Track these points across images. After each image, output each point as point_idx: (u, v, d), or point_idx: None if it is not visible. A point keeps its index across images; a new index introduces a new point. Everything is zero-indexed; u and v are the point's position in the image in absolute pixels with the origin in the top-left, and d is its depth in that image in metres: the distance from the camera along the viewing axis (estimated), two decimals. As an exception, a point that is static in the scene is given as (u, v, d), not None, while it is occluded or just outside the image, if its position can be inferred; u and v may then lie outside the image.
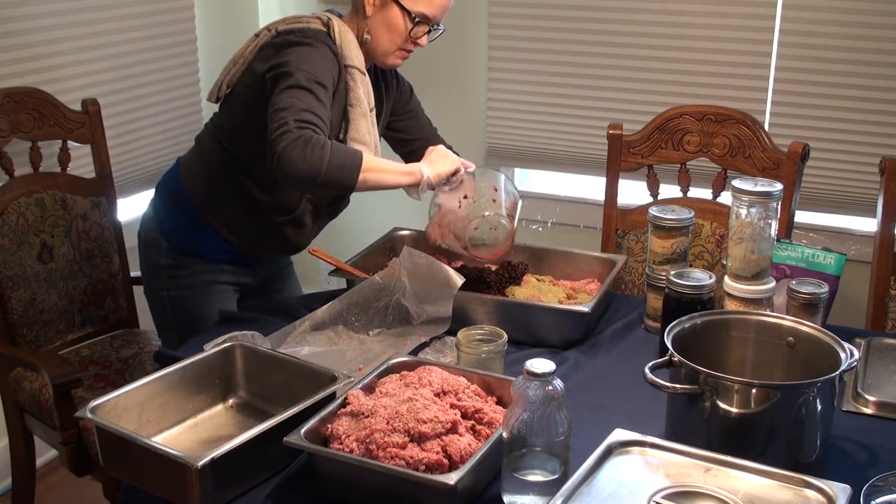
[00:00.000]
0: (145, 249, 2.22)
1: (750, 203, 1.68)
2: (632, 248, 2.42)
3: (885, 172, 2.19)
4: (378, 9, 2.03)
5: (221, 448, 1.35)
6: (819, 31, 2.76)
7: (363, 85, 2.04)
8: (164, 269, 2.19)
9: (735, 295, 1.74)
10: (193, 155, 2.18)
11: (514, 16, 3.15)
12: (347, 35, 2.04)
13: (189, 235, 2.15)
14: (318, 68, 1.93)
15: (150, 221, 2.21)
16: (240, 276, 2.22)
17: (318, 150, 1.78)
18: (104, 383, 2.35)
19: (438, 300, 1.91)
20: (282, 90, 1.87)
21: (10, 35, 2.56)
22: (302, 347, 1.83)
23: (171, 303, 2.20)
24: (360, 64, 2.04)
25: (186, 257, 2.16)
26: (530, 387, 1.30)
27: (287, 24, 2.04)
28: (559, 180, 3.38)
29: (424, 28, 2.05)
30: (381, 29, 2.04)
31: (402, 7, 2.01)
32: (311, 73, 1.90)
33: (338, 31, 2.02)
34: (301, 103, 1.84)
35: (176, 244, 2.16)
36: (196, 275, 2.17)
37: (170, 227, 2.17)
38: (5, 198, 2.35)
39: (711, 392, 1.38)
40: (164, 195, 2.20)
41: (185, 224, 2.15)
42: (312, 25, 2.02)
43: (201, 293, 2.17)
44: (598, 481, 1.30)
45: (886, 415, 1.62)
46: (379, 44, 2.06)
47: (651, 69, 3.00)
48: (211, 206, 2.12)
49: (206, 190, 2.12)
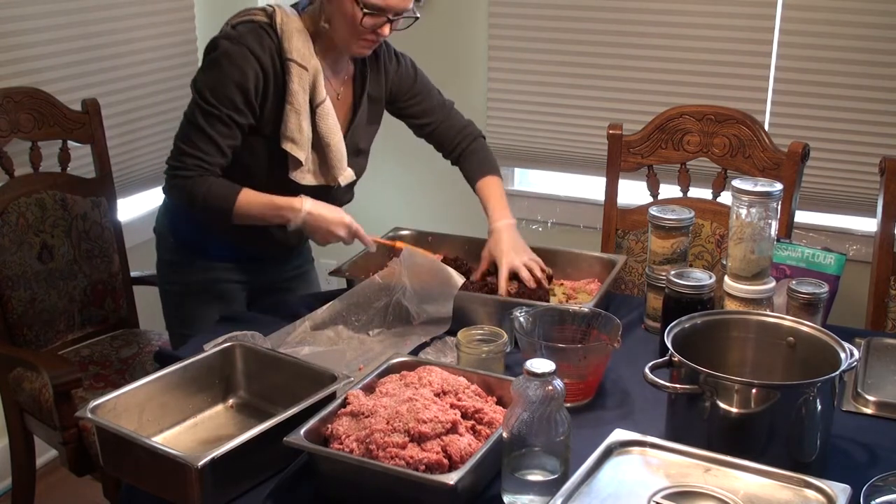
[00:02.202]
0: (158, 245, 2.26)
1: (750, 203, 1.68)
2: (632, 248, 2.42)
3: (885, 172, 2.19)
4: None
5: (221, 448, 1.35)
6: (819, 31, 2.76)
7: (300, 79, 1.97)
8: (169, 263, 2.22)
9: (735, 295, 1.74)
10: None
11: (514, 16, 3.15)
12: (290, 26, 1.98)
13: (192, 233, 2.16)
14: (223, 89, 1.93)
15: (162, 217, 2.24)
16: (246, 273, 2.21)
17: (192, 197, 1.96)
18: (104, 383, 2.35)
19: (439, 300, 1.91)
20: (184, 117, 1.99)
21: (9, 35, 2.56)
22: (302, 347, 1.83)
23: (172, 297, 2.22)
24: (301, 57, 1.97)
25: (189, 255, 2.18)
26: (530, 387, 1.29)
27: (237, 17, 2.01)
28: (559, 180, 3.38)
29: (381, 19, 1.94)
30: (336, 19, 1.96)
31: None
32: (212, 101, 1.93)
33: (279, 21, 1.98)
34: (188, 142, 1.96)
35: (181, 240, 2.18)
36: (197, 272, 2.18)
37: (176, 223, 2.19)
38: (5, 198, 2.35)
39: (711, 392, 1.38)
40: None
41: (187, 221, 2.15)
42: (256, 17, 1.99)
43: (201, 290, 2.18)
44: (598, 481, 1.30)
45: (886, 415, 1.62)
46: (336, 33, 1.98)
47: (651, 69, 3.00)
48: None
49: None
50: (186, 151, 1.96)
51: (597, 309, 1.76)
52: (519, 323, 1.69)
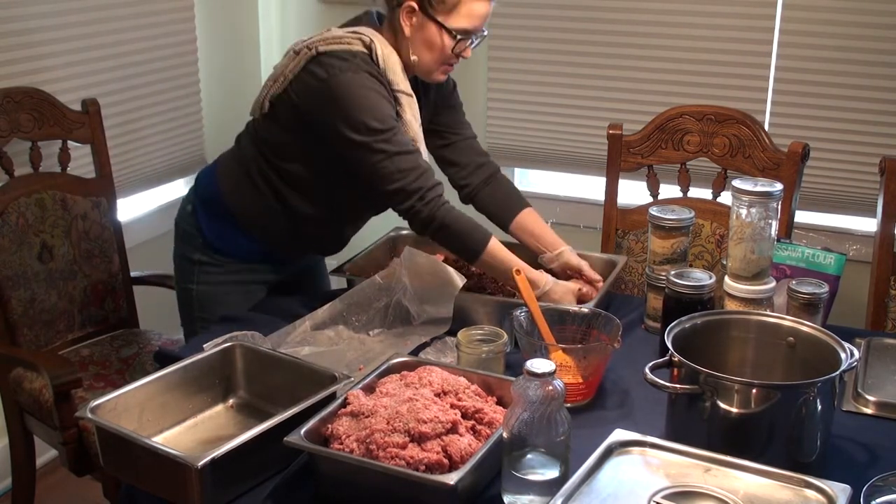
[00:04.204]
0: (181, 240, 2.21)
1: (750, 203, 1.68)
2: (632, 248, 2.42)
3: (885, 172, 2.19)
4: (416, 29, 1.95)
5: (221, 448, 1.35)
6: (819, 31, 2.76)
7: (410, 108, 1.98)
8: (197, 263, 2.17)
9: (735, 295, 1.74)
10: (233, 159, 2.14)
11: (514, 16, 3.15)
12: (392, 58, 1.96)
13: (226, 237, 2.14)
14: (382, 109, 1.90)
15: (188, 216, 2.19)
16: (270, 273, 2.20)
17: (444, 232, 1.93)
18: (104, 383, 2.35)
19: (439, 300, 1.91)
20: (368, 163, 1.90)
21: (9, 35, 2.56)
22: (302, 347, 1.83)
23: (198, 296, 2.18)
24: (406, 87, 1.97)
25: (220, 255, 2.15)
26: (530, 387, 1.29)
27: (328, 44, 1.94)
28: (559, 180, 3.38)
29: (465, 43, 1.98)
30: (422, 48, 1.96)
31: (441, 25, 1.94)
32: (382, 127, 1.88)
33: (381, 54, 1.94)
34: (404, 171, 1.89)
35: (211, 243, 2.15)
36: (227, 273, 2.16)
37: (207, 226, 2.15)
38: (5, 198, 2.35)
39: (711, 392, 1.38)
40: (203, 196, 2.17)
41: (222, 227, 2.13)
42: (354, 48, 1.94)
43: (230, 291, 2.16)
44: (598, 481, 1.30)
45: (886, 415, 1.62)
46: (422, 62, 1.98)
47: (651, 69, 3.00)
48: (250, 212, 2.11)
49: (245, 197, 2.10)
50: (412, 177, 1.90)
51: (597, 309, 1.76)
52: (519, 323, 1.69)
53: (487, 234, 1.94)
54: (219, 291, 2.17)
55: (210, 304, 2.17)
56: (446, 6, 1.93)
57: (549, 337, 1.69)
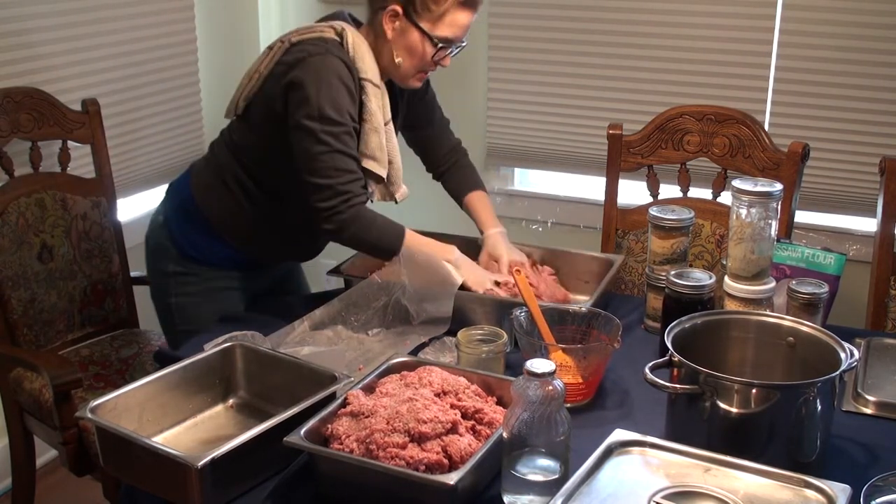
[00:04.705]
0: (154, 255, 2.21)
1: (750, 203, 1.68)
2: (632, 248, 2.42)
3: (885, 172, 2.19)
4: (399, 33, 1.96)
5: (221, 448, 1.35)
6: (819, 31, 2.76)
7: (376, 98, 1.98)
8: (173, 275, 2.16)
9: (735, 295, 1.74)
10: (207, 167, 2.15)
11: (514, 16, 3.15)
12: (362, 47, 1.98)
13: (200, 245, 2.13)
14: (342, 102, 1.91)
15: (159, 228, 2.18)
16: (249, 280, 2.20)
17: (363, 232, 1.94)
18: (104, 383, 2.34)
19: (439, 298, 1.91)
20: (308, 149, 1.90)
21: (9, 35, 2.56)
22: (302, 347, 1.83)
23: (177, 309, 2.17)
24: (374, 76, 1.98)
25: (196, 265, 2.14)
26: (530, 387, 1.29)
27: (300, 34, 1.98)
28: (559, 180, 3.38)
29: (446, 51, 1.99)
30: (403, 53, 1.98)
31: (424, 32, 1.95)
32: (337, 118, 1.90)
33: (351, 42, 1.96)
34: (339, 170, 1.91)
35: (186, 252, 2.14)
36: (205, 282, 2.15)
37: (180, 235, 2.14)
38: (5, 198, 2.35)
39: (711, 392, 1.38)
40: (175, 205, 2.17)
41: (196, 234, 2.13)
42: (326, 34, 1.97)
43: (210, 300, 2.15)
44: (598, 481, 1.30)
45: (886, 415, 1.62)
46: (400, 67, 2.00)
47: (651, 69, 3.00)
48: (225, 219, 2.11)
49: (220, 204, 2.10)
50: (346, 179, 1.92)
51: (597, 309, 1.76)
52: (519, 323, 1.69)
53: (401, 229, 1.98)
54: (198, 301, 2.15)
55: (191, 314, 2.15)
56: (431, 14, 1.94)
57: (549, 337, 1.69)
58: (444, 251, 1.99)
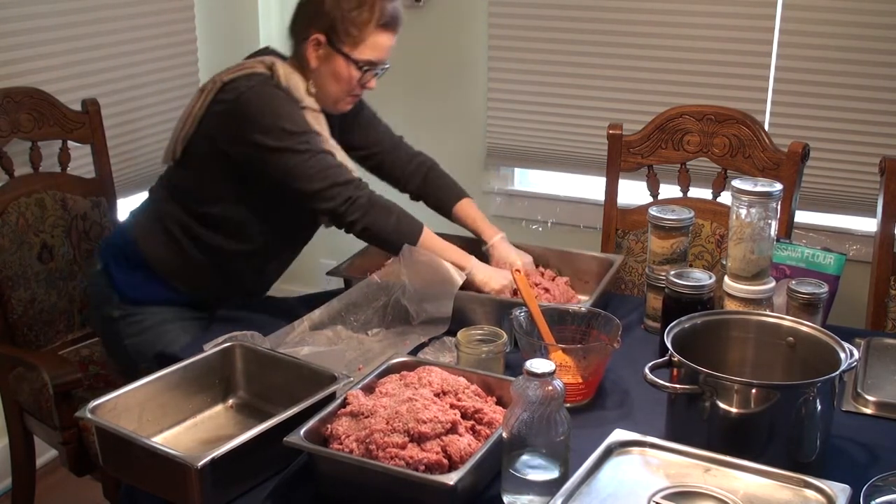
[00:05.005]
0: (95, 304, 2.22)
1: (750, 203, 1.68)
2: (632, 248, 2.42)
3: (885, 172, 2.19)
4: (323, 61, 2.02)
5: (221, 448, 1.35)
6: (819, 31, 2.76)
7: (318, 123, 2.03)
8: (119, 319, 2.15)
9: (735, 295, 1.74)
10: (149, 213, 2.17)
11: (514, 16, 3.15)
12: (294, 77, 2.03)
13: (139, 287, 2.13)
14: (295, 113, 1.96)
15: (98, 276, 2.19)
16: (201, 310, 2.18)
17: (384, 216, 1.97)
18: (104, 383, 2.34)
19: (439, 298, 1.91)
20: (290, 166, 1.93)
21: (9, 35, 2.56)
22: (301, 347, 1.83)
23: (134, 350, 2.14)
24: (311, 103, 2.04)
25: (139, 306, 2.14)
26: (530, 387, 1.29)
27: (231, 73, 2.03)
28: (559, 180, 3.38)
29: (371, 73, 2.04)
30: (329, 80, 2.03)
31: (347, 57, 2.00)
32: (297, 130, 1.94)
33: (283, 73, 2.01)
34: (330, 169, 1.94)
35: (126, 294, 2.14)
36: (153, 316, 2.14)
37: (121, 281, 2.14)
38: (5, 198, 2.35)
39: (711, 392, 1.38)
40: (114, 250, 2.17)
41: (137, 278, 2.13)
42: (257, 69, 2.02)
43: (164, 331, 2.12)
44: (598, 481, 1.30)
45: (886, 415, 1.62)
46: (328, 94, 2.05)
47: (651, 69, 3.00)
48: (167, 263, 2.12)
49: (161, 248, 2.12)
50: (341, 172, 1.96)
51: (596, 309, 1.76)
52: (518, 323, 1.69)
53: (420, 222, 2.00)
54: (150, 339, 2.12)
55: (148, 350, 2.09)
56: (352, 38, 1.99)
57: (549, 337, 1.69)
58: (462, 258, 1.99)
